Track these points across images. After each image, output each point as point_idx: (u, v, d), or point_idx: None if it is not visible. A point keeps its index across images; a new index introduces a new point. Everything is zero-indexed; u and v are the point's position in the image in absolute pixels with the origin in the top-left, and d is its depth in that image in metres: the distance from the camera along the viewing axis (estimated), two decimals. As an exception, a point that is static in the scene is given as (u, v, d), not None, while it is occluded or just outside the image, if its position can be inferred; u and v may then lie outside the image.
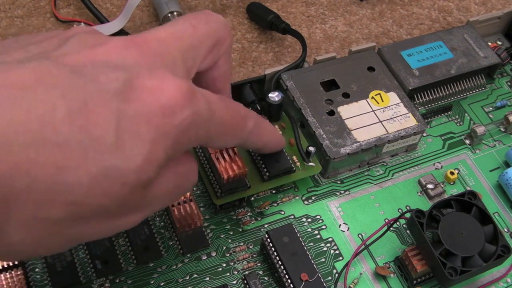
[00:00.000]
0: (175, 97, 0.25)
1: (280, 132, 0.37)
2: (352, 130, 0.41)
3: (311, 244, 0.39)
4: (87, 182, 0.23)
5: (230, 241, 0.38)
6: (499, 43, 0.51)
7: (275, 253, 0.36)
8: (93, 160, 0.23)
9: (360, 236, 0.40)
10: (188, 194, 0.38)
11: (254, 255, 0.38)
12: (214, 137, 0.29)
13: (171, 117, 0.25)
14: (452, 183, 0.43)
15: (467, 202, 0.38)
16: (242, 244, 0.38)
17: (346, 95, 0.43)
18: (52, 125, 0.22)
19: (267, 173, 0.39)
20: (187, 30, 0.29)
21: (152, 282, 0.36)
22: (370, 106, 0.43)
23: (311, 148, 0.40)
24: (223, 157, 0.37)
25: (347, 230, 0.40)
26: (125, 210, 0.25)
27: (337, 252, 0.39)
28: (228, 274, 0.37)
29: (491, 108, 0.48)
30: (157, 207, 0.28)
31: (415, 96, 0.46)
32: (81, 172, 0.22)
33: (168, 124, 0.25)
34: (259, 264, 0.38)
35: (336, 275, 0.38)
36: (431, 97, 0.46)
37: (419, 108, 0.46)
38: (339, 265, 0.38)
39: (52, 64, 0.23)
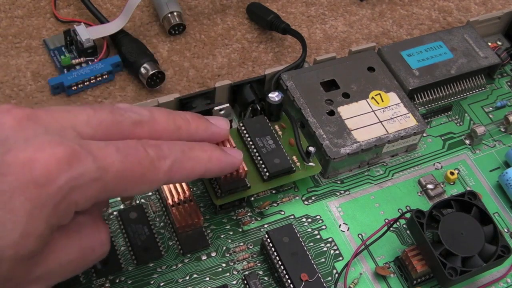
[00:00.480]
0: (48, 165, 0.25)
1: (235, 150, 0.35)
2: (352, 130, 0.41)
3: (311, 244, 0.39)
4: None
5: (230, 241, 0.38)
6: (499, 43, 0.51)
7: (275, 253, 0.36)
8: None
9: (360, 236, 0.40)
10: (188, 194, 0.38)
11: (254, 255, 0.38)
12: (118, 190, 0.28)
13: (45, 186, 0.25)
14: (452, 183, 0.43)
15: (467, 202, 0.38)
16: (242, 244, 0.38)
17: (346, 95, 0.43)
18: None
19: (267, 173, 0.39)
20: (85, 110, 0.28)
21: (152, 282, 0.36)
22: (370, 106, 0.43)
23: (311, 148, 0.40)
24: None
25: (347, 230, 0.40)
26: (14, 284, 0.25)
27: (337, 252, 0.39)
28: (228, 274, 0.37)
29: (491, 108, 0.48)
30: (57, 279, 0.28)
31: (415, 96, 0.46)
32: None
33: (43, 194, 0.24)
34: (259, 264, 0.38)
35: (336, 275, 0.38)
36: (431, 97, 0.46)
37: (419, 108, 0.46)
38: (339, 265, 0.38)
39: None
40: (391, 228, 0.39)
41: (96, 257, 0.30)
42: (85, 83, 0.45)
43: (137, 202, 0.39)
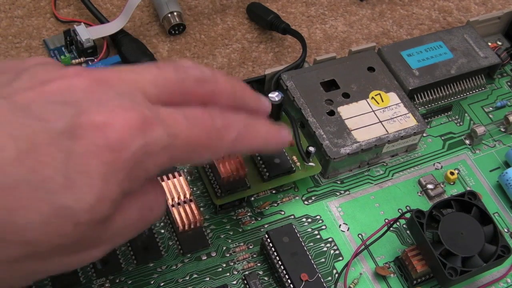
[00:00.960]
0: (123, 131, 0.25)
1: (284, 127, 0.35)
2: (352, 130, 0.41)
3: (311, 244, 0.39)
4: (39, 222, 0.23)
5: (230, 241, 0.38)
6: (499, 43, 0.51)
7: (275, 253, 0.36)
8: (43, 200, 0.23)
9: (360, 236, 0.40)
10: (188, 194, 0.38)
11: (254, 255, 0.38)
12: (184, 158, 0.28)
13: (120, 151, 0.24)
14: (452, 183, 0.43)
15: (467, 202, 0.38)
16: (242, 244, 0.38)
17: (346, 95, 0.43)
18: (1, 167, 0.22)
19: (267, 173, 0.39)
20: (151, 69, 0.28)
21: (152, 282, 0.36)
22: (370, 106, 0.43)
23: (311, 148, 0.40)
24: (223, 157, 0.37)
25: (347, 230, 0.40)
26: (83, 246, 0.25)
27: (337, 252, 0.39)
28: (228, 274, 0.37)
29: (491, 108, 0.48)
30: (119, 240, 0.28)
31: (415, 96, 0.46)
32: (32, 213, 0.22)
33: (118, 159, 0.24)
34: (259, 264, 0.38)
35: (336, 275, 0.38)
36: (431, 97, 0.46)
37: (419, 108, 0.46)
38: (339, 265, 0.38)
39: (1, 102, 0.23)
40: (391, 228, 0.39)
41: (154, 218, 0.29)
42: (85, 83, 0.45)
43: (137, 202, 0.39)
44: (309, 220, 0.40)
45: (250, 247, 0.38)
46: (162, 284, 0.36)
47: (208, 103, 0.30)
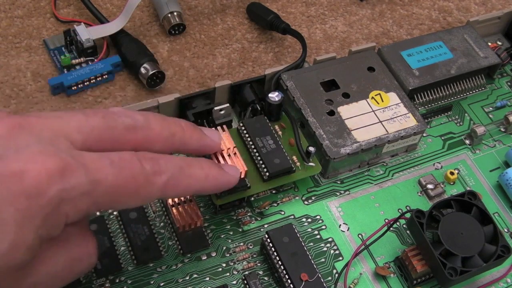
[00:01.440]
0: (39, 177, 0.24)
1: (234, 167, 0.34)
2: (352, 130, 0.41)
3: (311, 244, 0.39)
4: None
5: (230, 241, 0.38)
6: (499, 43, 0.51)
7: (275, 253, 0.36)
8: None
9: (360, 236, 0.40)
10: (188, 194, 0.38)
11: (254, 255, 0.38)
12: (109, 204, 0.28)
13: (36, 198, 0.24)
14: (452, 183, 0.43)
15: (467, 202, 0.38)
16: (242, 244, 0.38)
17: (346, 95, 0.43)
18: None
19: (267, 173, 0.39)
20: (77, 116, 0.28)
21: (152, 282, 0.36)
22: (370, 106, 0.43)
23: (311, 148, 0.40)
24: (223, 157, 0.37)
25: (347, 230, 0.40)
26: None
27: (337, 252, 0.39)
28: (228, 274, 0.37)
29: (491, 108, 0.48)
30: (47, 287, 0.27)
31: (415, 96, 0.46)
32: None
33: (33, 206, 0.24)
34: (259, 264, 0.38)
35: (336, 275, 0.38)
36: (431, 97, 0.46)
37: (419, 108, 0.46)
38: (339, 265, 0.38)
39: None
40: (391, 228, 0.39)
41: (83, 269, 0.29)
42: (85, 83, 0.45)
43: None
44: (309, 220, 0.40)
45: (250, 247, 0.38)
46: (162, 284, 0.36)
47: (141, 149, 0.29)
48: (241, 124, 0.40)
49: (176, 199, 0.37)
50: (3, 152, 0.25)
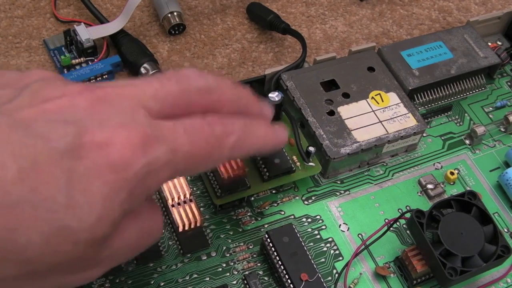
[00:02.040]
0: (125, 151, 0.25)
1: (281, 127, 0.35)
2: (352, 130, 0.41)
3: (311, 244, 0.39)
4: (39, 241, 0.23)
5: (230, 241, 0.38)
6: (499, 43, 0.51)
7: (275, 253, 0.36)
8: (44, 220, 0.23)
9: (360, 236, 0.40)
10: (188, 194, 0.38)
11: (254, 255, 0.38)
12: (186, 170, 0.28)
13: (123, 171, 0.24)
14: (452, 183, 0.43)
15: (467, 202, 0.38)
16: (242, 244, 0.38)
17: (346, 95, 0.43)
18: (2, 186, 0.22)
19: (267, 173, 0.39)
20: (152, 83, 0.28)
21: (152, 282, 0.36)
22: (370, 106, 0.43)
23: (311, 148, 0.40)
24: None
25: (347, 230, 0.40)
26: (82, 266, 0.25)
27: (337, 252, 0.39)
28: (228, 274, 0.37)
29: (491, 108, 0.48)
30: (117, 261, 0.28)
31: (415, 96, 0.46)
32: (33, 232, 0.23)
33: (120, 179, 0.24)
34: (259, 264, 0.38)
35: (336, 275, 0.38)
36: (431, 97, 0.46)
37: (419, 108, 0.46)
38: (339, 265, 0.38)
39: (3, 119, 0.23)
40: (391, 228, 0.39)
41: (151, 241, 0.29)
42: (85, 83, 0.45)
43: (137, 202, 0.39)
44: (309, 220, 0.40)
45: (250, 247, 0.38)
46: (162, 284, 0.36)
47: (210, 111, 0.30)
48: (241, 124, 0.40)
49: (176, 199, 0.37)
50: (87, 124, 0.25)
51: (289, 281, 0.35)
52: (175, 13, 0.49)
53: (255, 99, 0.33)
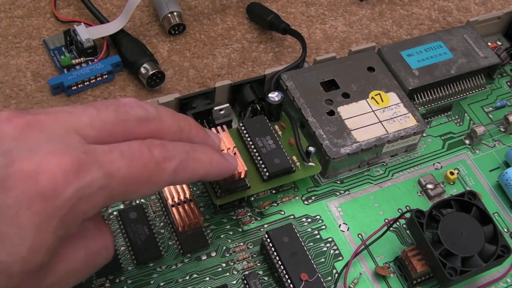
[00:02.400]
0: (55, 177, 0.24)
1: (231, 156, 0.35)
2: (352, 130, 0.41)
3: (311, 244, 0.39)
4: None
5: (230, 241, 0.38)
6: (499, 43, 0.51)
7: (275, 253, 0.36)
8: None
9: (360, 236, 0.40)
10: (188, 194, 0.38)
11: (254, 255, 0.38)
12: (124, 195, 0.27)
13: (52, 199, 0.24)
14: (452, 183, 0.43)
15: (467, 202, 0.38)
16: (242, 244, 0.38)
17: (346, 95, 0.43)
18: None
19: (267, 173, 0.39)
20: (88, 110, 0.28)
21: (152, 282, 0.36)
22: (370, 106, 0.43)
23: (311, 148, 0.40)
24: None
25: (347, 230, 0.40)
26: None
27: (337, 252, 0.39)
28: (228, 274, 0.37)
29: (491, 108, 0.48)
30: (66, 284, 0.27)
31: (415, 96, 0.46)
32: None
33: (50, 207, 0.24)
34: (259, 264, 0.38)
35: (336, 275, 0.38)
36: (431, 97, 0.46)
37: (419, 108, 0.46)
38: (339, 265, 0.38)
39: None
40: (391, 228, 0.39)
41: (101, 262, 0.29)
42: (85, 83, 0.45)
43: (137, 202, 0.39)
44: (309, 220, 0.40)
45: (250, 247, 0.38)
46: (162, 284, 0.36)
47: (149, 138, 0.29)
48: (241, 124, 0.40)
49: (176, 199, 0.37)
50: (15, 154, 0.24)
51: (289, 281, 0.35)
52: (175, 13, 0.49)
53: (199, 131, 0.32)
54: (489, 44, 0.49)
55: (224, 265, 0.37)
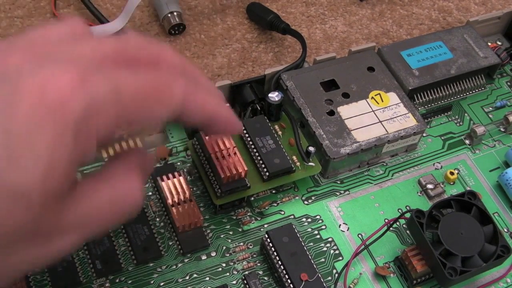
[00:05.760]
0: (62, 89, 0.23)
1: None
2: (352, 130, 0.41)
3: (311, 244, 0.39)
4: None
5: (230, 241, 0.38)
6: (499, 43, 0.51)
7: (275, 253, 0.36)
8: None
9: (360, 236, 0.40)
10: (188, 194, 0.38)
11: (254, 255, 0.38)
12: (136, 114, 0.26)
13: (61, 110, 0.23)
14: (452, 183, 0.43)
15: (467, 202, 0.38)
16: (242, 244, 0.38)
17: (346, 95, 0.43)
18: None
19: (267, 173, 0.39)
20: (90, 42, 0.27)
21: (152, 282, 0.36)
22: (370, 106, 0.43)
23: (311, 148, 0.40)
24: (223, 157, 0.37)
25: (347, 230, 0.40)
26: (44, 235, 0.24)
27: (337, 252, 0.39)
28: (228, 274, 0.37)
29: (491, 108, 0.48)
30: (90, 229, 0.26)
31: (415, 96, 0.46)
32: None
33: (59, 121, 0.23)
34: (259, 264, 0.38)
35: (336, 275, 0.38)
36: (431, 97, 0.46)
37: (419, 108, 0.46)
38: (339, 265, 0.38)
39: None
40: (391, 228, 0.39)
41: (127, 209, 0.27)
42: (85, 83, 0.45)
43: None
44: (309, 220, 0.40)
45: (250, 247, 0.38)
46: (162, 284, 0.36)
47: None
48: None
49: (176, 199, 0.37)
50: (25, 70, 0.23)
51: (289, 281, 0.35)
52: (175, 13, 0.49)
53: (204, 77, 0.32)
54: (489, 44, 0.49)
55: (224, 265, 0.37)
